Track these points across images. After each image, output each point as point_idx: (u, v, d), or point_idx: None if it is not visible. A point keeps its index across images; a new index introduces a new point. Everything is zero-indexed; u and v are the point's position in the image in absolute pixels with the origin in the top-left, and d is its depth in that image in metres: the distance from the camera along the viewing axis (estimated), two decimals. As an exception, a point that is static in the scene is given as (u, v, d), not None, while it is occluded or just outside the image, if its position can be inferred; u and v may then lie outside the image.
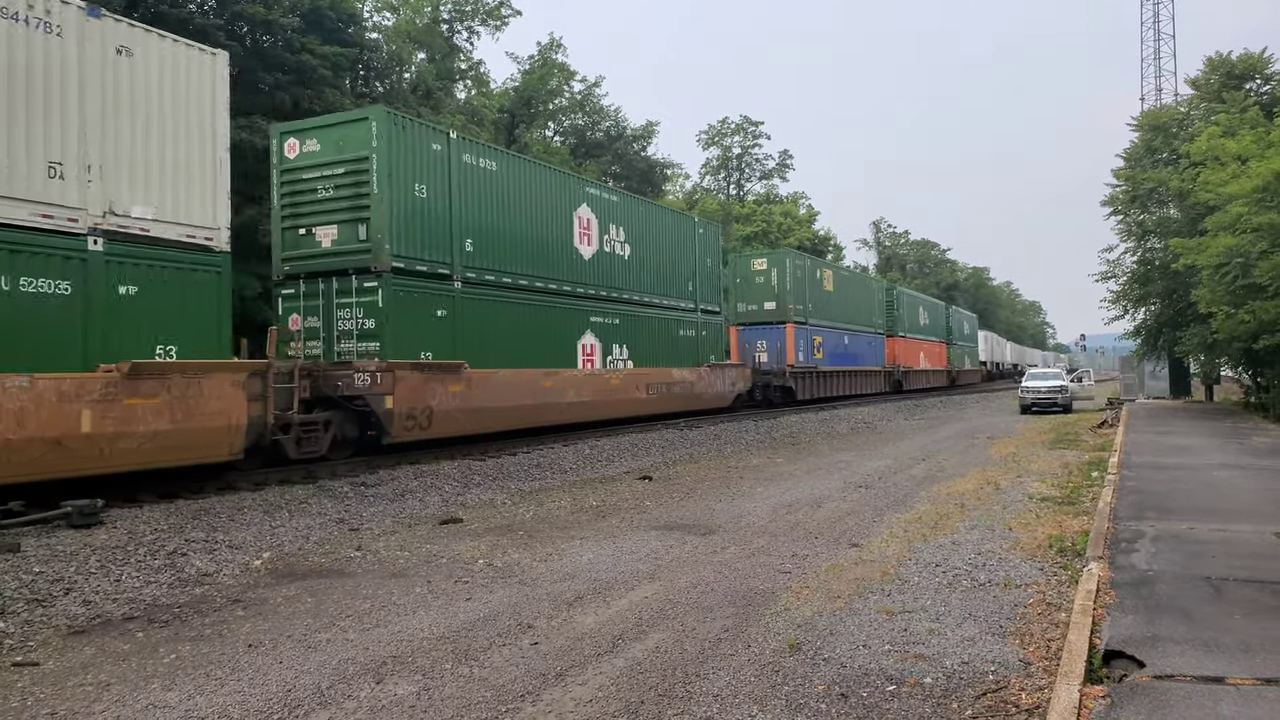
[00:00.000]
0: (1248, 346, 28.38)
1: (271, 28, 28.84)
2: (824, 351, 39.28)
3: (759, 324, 36.93)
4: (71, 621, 7.56)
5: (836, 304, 41.65)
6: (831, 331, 40.52)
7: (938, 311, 62.41)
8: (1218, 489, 13.35)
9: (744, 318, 37.26)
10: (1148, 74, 62.34)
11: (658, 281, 26.30)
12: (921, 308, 57.10)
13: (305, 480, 14.76)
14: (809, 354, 38.00)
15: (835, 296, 41.72)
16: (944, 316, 63.50)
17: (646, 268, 25.76)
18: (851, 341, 43.00)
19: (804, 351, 37.43)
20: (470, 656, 6.49)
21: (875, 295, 48.25)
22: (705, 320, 29.04)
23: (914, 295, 58.06)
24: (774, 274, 37.14)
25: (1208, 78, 37.15)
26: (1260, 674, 5.61)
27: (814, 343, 38.30)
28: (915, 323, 54.52)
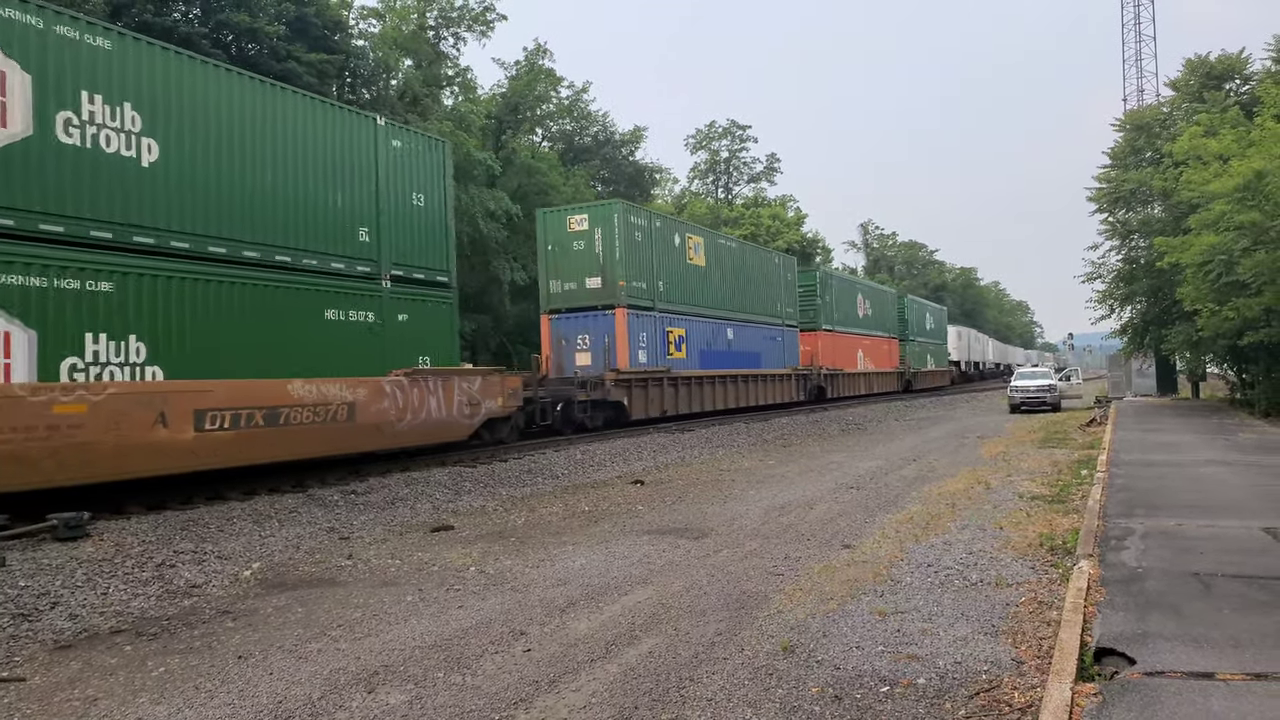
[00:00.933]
0: (1232, 343, 28.59)
1: (257, 36, 28.77)
2: (690, 349, 29.22)
3: (580, 311, 26.24)
4: (58, 636, 7.50)
5: (713, 285, 31.36)
6: (703, 322, 30.29)
7: (884, 301, 52.96)
8: (1205, 485, 13.42)
9: (559, 301, 26.54)
10: (1129, 75, 62.74)
11: (257, 212, 14.48)
12: (861, 296, 48.15)
13: (295, 489, 14.69)
14: (658, 352, 27.24)
15: (710, 274, 31.19)
16: (895, 307, 54.56)
17: (217, 186, 13.85)
18: (740, 336, 33.01)
19: (649, 349, 26.70)
20: (463, 664, 6.46)
21: (781, 277, 37.72)
22: (403, 296, 17.31)
23: (849, 281, 50.13)
24: (598, 236, 26.03)
25: (1187, 79, 37.45)
26: (1250, 669, 5.63)
27: (669, 336, 27.92)
28: (851, 314, 45.71)
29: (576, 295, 26.24)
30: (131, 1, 26.54)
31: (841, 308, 44.45)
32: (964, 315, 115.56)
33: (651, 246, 27.39)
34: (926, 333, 61.69)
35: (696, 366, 29.34)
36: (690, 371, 28.89)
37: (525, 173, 45.23)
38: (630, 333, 25.66)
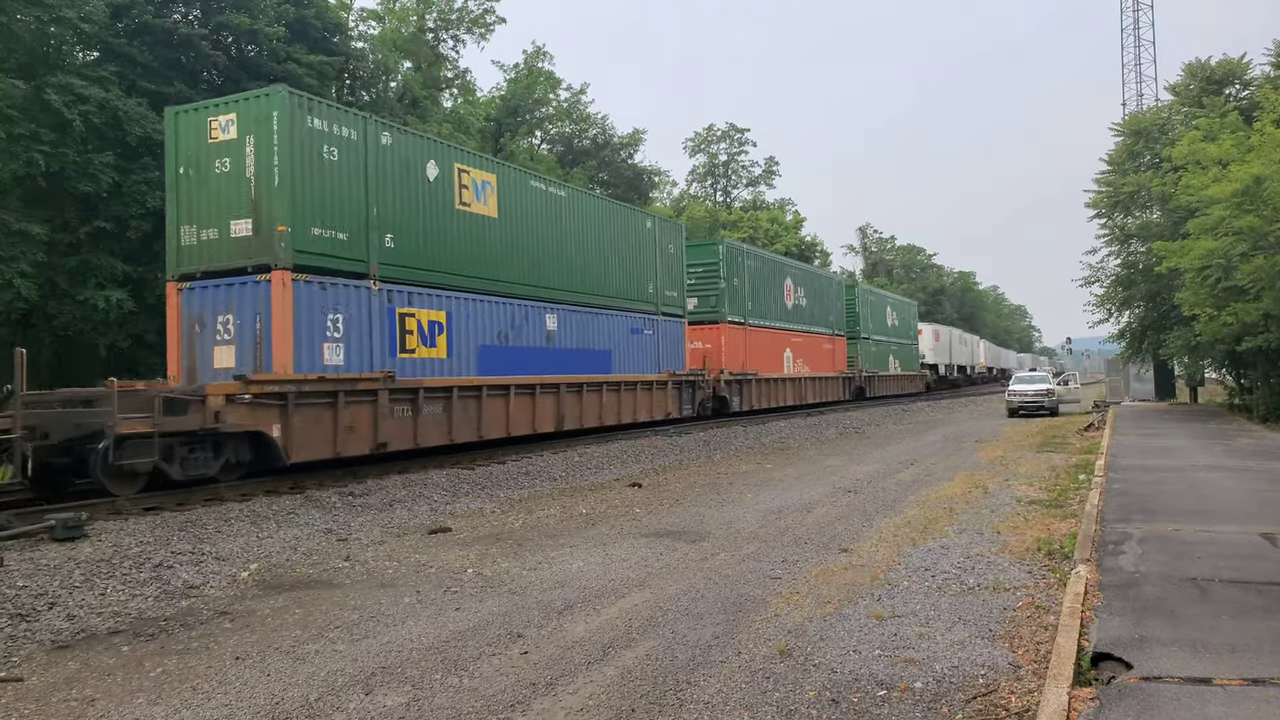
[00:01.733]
0: (1231, 348, 28.64)
1: (256, 37, 28.78)
2: (459, 344, 18.73)
3: (224, 276, 15.50)
4: (56, 636, 7.49)
5: (515, 247, 20.66)
6: (489, 304, 19.67)
7: (824, 289, 42.89)
8: (1203, 490, 13.44)
9: (194, 260, 15.78)
10: (1129, 80, 62.83)
11: None
12: (790, 282, 38.04)
13: (292, 490, 14.68)
14: (383, 347, 16.73)
15: (507, 231, 20.38)
16: (840, 298, 44.87)
17: None
18: (573, 327, 22.75)
19: (357, 342, 16.22)
20: (460, 666, 6.46)
21: (654, 247, 27.04)
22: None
23: (771, 261, 37.89)
24: (250, 148, 15.24)
25: (1187, 84, 37.57)
26: (1246, 674, 5.64)
27: (404, 323, 17.30)
28: (774, 303, 36.09)
29: (219, 250, 15.59)
30: (132, 3, 26.54)
31: (761, 295, 34.76)
32: (962, 319, 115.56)
33: (364, 173, 16.58)
34: (889, 330, 52.47)
35: (472, 371, 18.99)
36: (450, 380, 18.22)
37: (524, 175, 45.16)
38: (302, 313, 15.21)
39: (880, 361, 50.29)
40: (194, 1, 28.63)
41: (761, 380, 33.94)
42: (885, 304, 53.59)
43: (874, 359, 48.96)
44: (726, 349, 31.38)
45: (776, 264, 38.26)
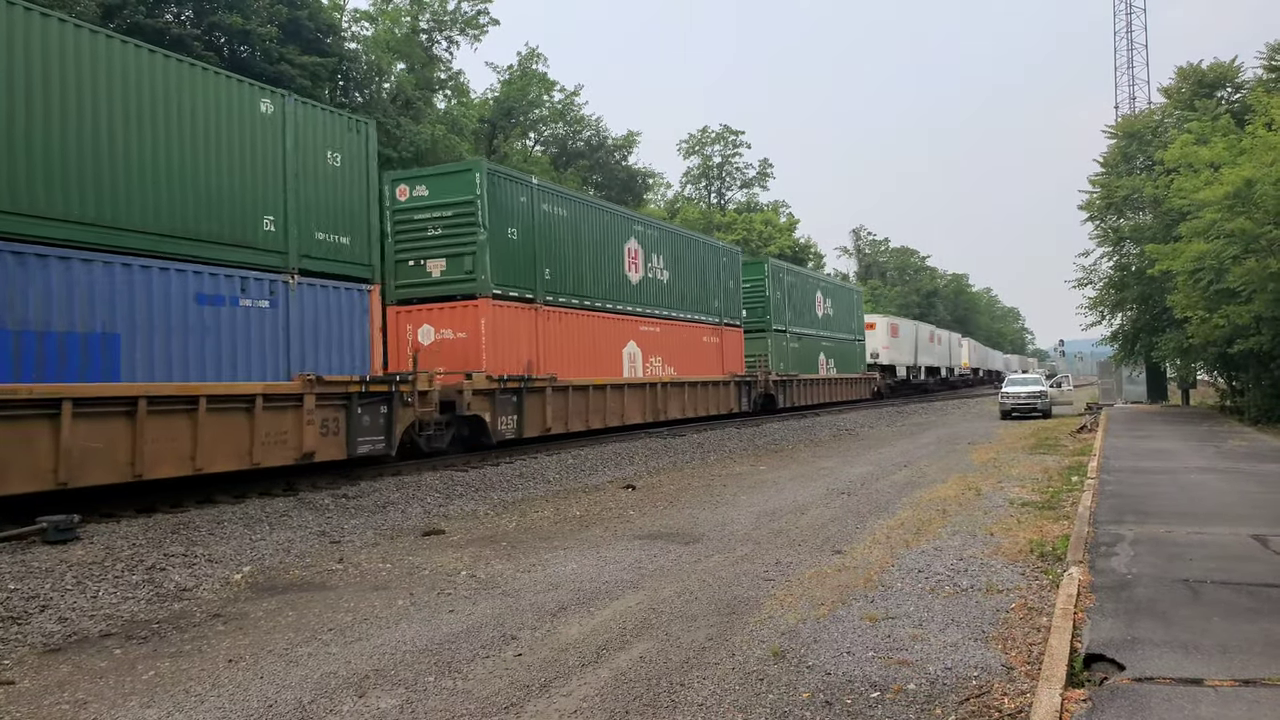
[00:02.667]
0: (1223, 351, 28.78)
1: (249, 38, 28.72)
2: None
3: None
4: (47, 639, 7.46)
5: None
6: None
7: (707, 262, 31.47)
8: (1195, 492, 13.49)
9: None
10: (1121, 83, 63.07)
11: None
12: (637, 244, 26.89)
13: (285, 492, 14.65)
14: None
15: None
16: (731, 275, 33.28)
17: None
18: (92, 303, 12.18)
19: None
20: (453, 669, 6.45)
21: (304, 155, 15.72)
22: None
23: (597, 209, 25.89)
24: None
25: (1179, 86, 37.75)
26: (1238, 675, 5.66)
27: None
28: (609, 276, 25.38)
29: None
30: (123, 3, 26.48)
31: (575, 260, 23.52)
32: (955, 321, 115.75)
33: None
34: (819, 322, 42.21)
35: None
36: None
37: (518, 177, 45.19)
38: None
39: (804, 361, 39.81)
40: (186, 2, 28.56)
41: (573, 388, 22.75)
42: (814, 289, 42.60)
43: (795, 358, 38.55)
44: (499, 340, 20.34)
45: (610, 214, 25.63)
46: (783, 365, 37.26)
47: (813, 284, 43.34)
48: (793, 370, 38.14)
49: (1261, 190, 22.51)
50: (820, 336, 42.49)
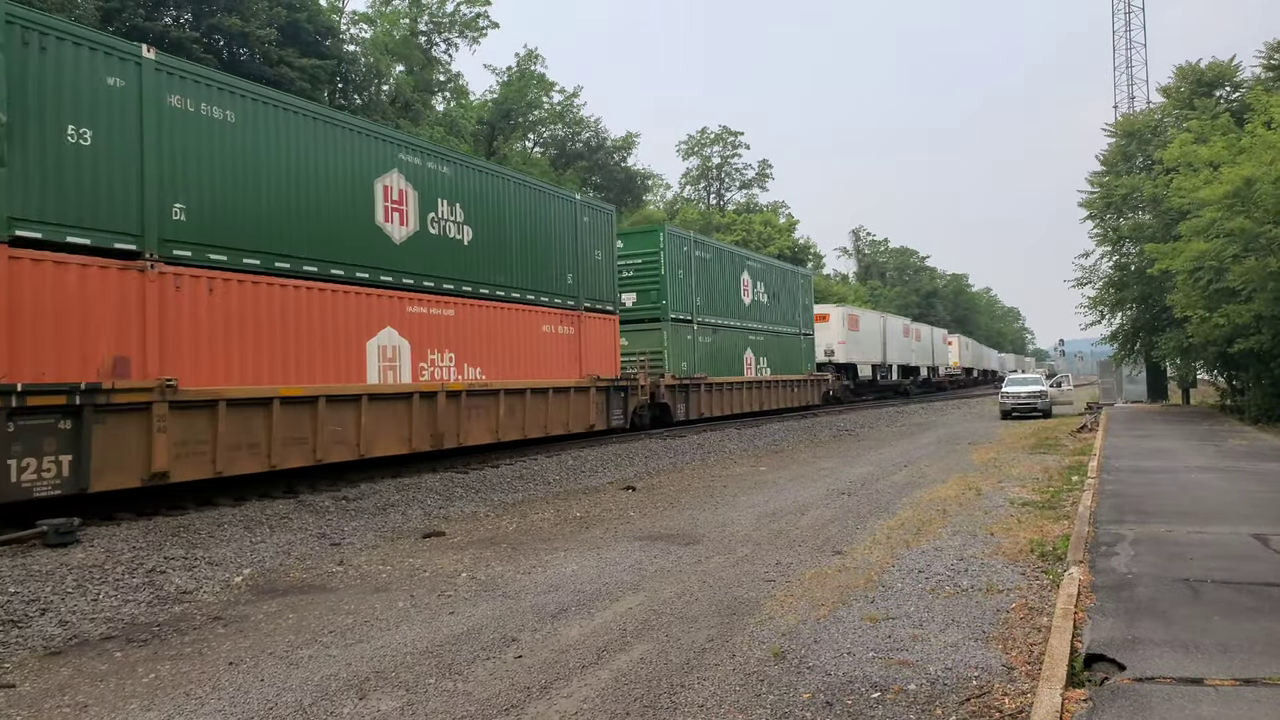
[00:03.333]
0: (1223, 350, 28.77)
1: (248, 40, 28.75)
2: None
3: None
4: (48, 642, 7.46)
5: None
6: None
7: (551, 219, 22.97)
8: (1195, 492, 13.49)
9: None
10: (1120, 82, 63.09)
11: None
12: (406, 183, 18.04)
13: (286, 494, 14.65)
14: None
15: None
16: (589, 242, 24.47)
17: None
18: None
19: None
20: (454, 671, 6.45)
21: None
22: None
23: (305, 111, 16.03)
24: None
25: (1178, 86, 37.76)
26: (1238, 674, 5.66)
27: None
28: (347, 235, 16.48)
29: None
30: (123, 7, 26.51)
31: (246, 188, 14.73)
32: (955, 321, 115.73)
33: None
34: (746, 311, 34.10)
35: None
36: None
37: (517, 178, 45.20)
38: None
39: (721, 360, 31.48)
40: (185, 5, 28.57)
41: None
42: (738, 269, 33.54)
43: (706, 356, 30.33)
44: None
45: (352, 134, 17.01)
46: (685, 365, 28.83)
47: (737, 262, 33.90)
48: (700, 372, 29.64)
49: (1261, 189, 22.52)
50: (747, 329, 33.80)
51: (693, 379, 29.04)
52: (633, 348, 27.50)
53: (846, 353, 46.49)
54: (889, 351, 54.03)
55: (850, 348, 47.10)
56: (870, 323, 52.15)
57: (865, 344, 49.87)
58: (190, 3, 28.49)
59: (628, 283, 27.82)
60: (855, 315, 49.76)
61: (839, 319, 46.53)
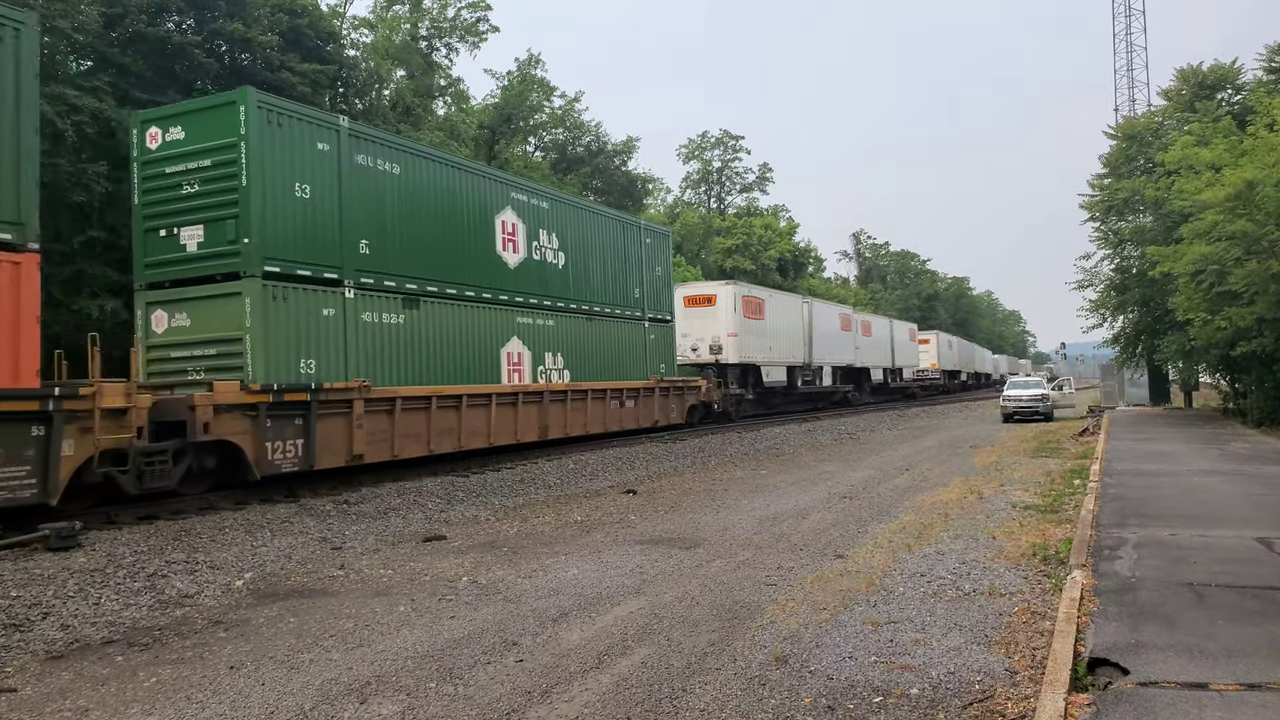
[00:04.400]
0: (1225, 353, 28.69)
1: (250, 46, 28.76)
2: None
3: None
4: (49, 646, 7.45)
5: None
6: None
7: None
8: (1198, 495, 13.45)
9: None
10: (1121, 85, 63.15)
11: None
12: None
13: (287, 499, 14.65)
14: None
15: None
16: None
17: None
18: None
19: None
20: (455, 675, 6.44)
21: None
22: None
23: None
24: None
25: (1179, 88, 37.74)
26: (1243, 679, 5.64)
27: None
28: None
29: None
30: (125, 12, 26.53)
31: None
32: (956, 325, 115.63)
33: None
34: (505, 274, 21.51)
35: None
36: None
37: (518, 182, 45.21)
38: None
39: (447, 358, 19.21)
40: (188, 10, 28.58)
41: None
42: (487, 201, 21.17)
43: (396, 348, 17.79)
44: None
45: None
46: (315, 366, 15.87)
47: (485, 191, 21.11)
48: (363, 376, 16.64)
49: (1263, 192, 22.48)
50: (509, 305, 21.48)
51: (328, 392, 15.69)
52: (193, 332, 15.45)
53: (742, 349, 34.04)
54: (816, 348, 41.79)
55: (748, 342, 34.76)
56: (782, 309, 38.99)
57: (775, 338, 37.72)
58: (193, 9, 28.50)
59: (188, 208, 15.58)
60: (757, 298, 36.64)
61: (730, 302, 33.91)
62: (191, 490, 14.10)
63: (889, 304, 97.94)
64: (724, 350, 33.98)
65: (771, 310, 37.92)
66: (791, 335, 39.78)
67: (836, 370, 45.01)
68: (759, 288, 40.58)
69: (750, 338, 35.24)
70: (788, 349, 39.34)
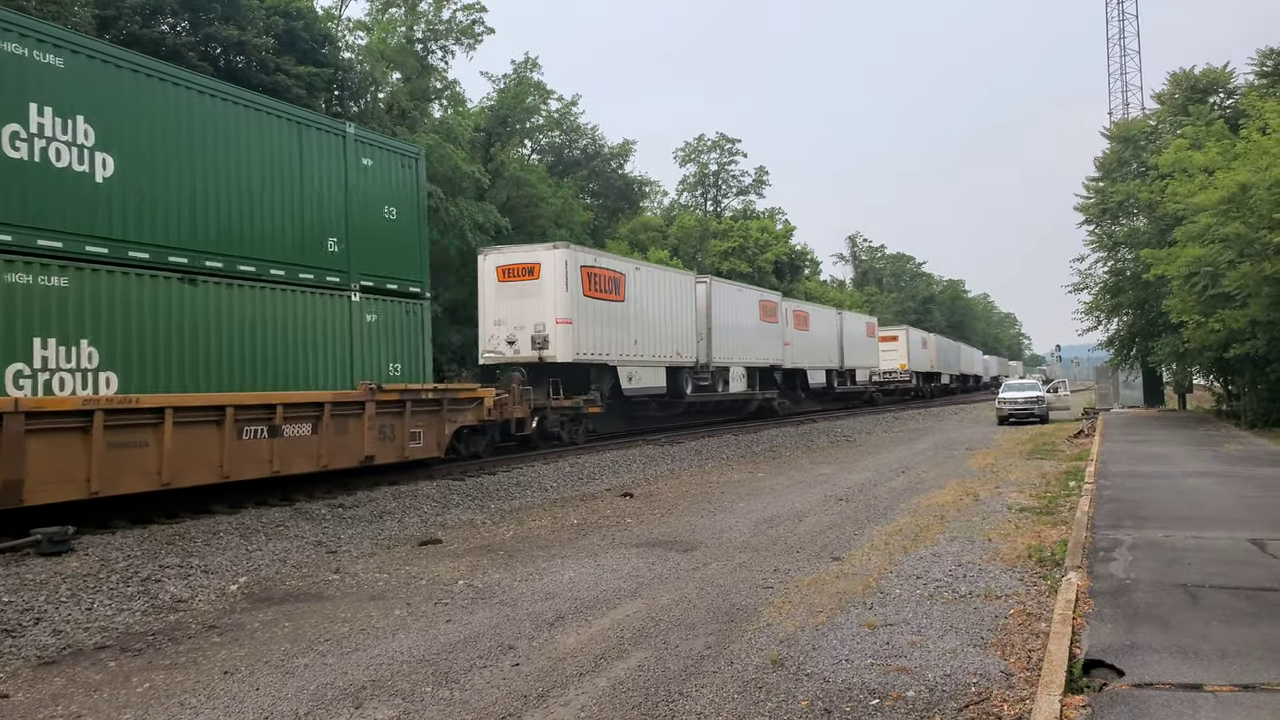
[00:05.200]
0: (1218, 355, 28.78)
1: (245, 48, 28.74)
2: None
3: None
4: (41, 652, 7.42)
5: None
6: None
7: None
8: (1192, 496, 13.48)
9: None
10: (1115, 88, 63.33)
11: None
12: None
13: (282, 503, 14.60)
14: None
15: None
16: None
17: None
18: None
19: None
20: (451, 679, 6.42)
21: None
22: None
23: None
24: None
25: (1172, 92, 37.87)
26: (1237, 680, 5.65)
27: None
28: None
29: None
30: (119, 14, 26.51)
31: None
32: (951, 327, 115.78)
33: None
34: None
35: None
36: None
37: (514, 185, 45.27)
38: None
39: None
40: (182, 12, 28.56)
41: None
42: None
43: None
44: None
45: None
46: None
47: None
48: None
49: (1256, 195, 22.55)
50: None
51: None
52: None
53: (580, 342, 23.69)
54: (718, 343, 31.21)
55: (594, 334, 24.35)
56: (656, 288, 27.76)
57: (646, 328, 26.90)
58: (187, 11, 28.48)
59: None
60: (610, 272, 25.44)
61: (559, 274, 23.35)
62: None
63: (885, 306, 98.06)
64: (551, 343, 23.18)
65: (637, 289, 26.54)
66: (675, 325, 28.75)
67: (753, 371, 34.96)
68: (618, 258, 28.19)
69: (597, 327, 24.44)
70: (668, 342, 28.19)
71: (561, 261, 23.57)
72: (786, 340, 38.21)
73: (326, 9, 38.93)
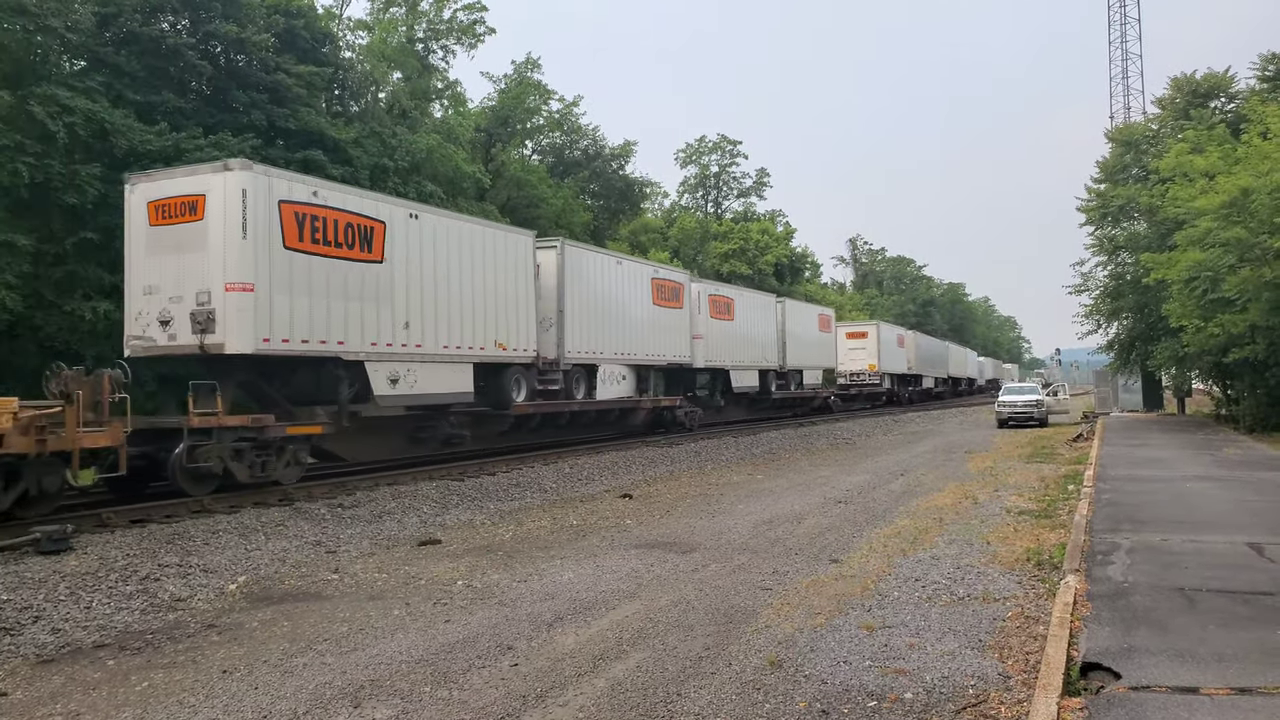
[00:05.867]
0: (1218, 359, 28.79)
1: (245, 47, 28.71)
2: None
3: None
4: (40, 650, 7.42)
5: None
6: None
7: None
8: (1190, 501, 13.49)
9: None
10: (1117, 92, 63.40)
11: None
12: None
13: (281, 502, 14.61)
14: None
15: None
16: None
17: None
18: None
19: None
20: (449, 679, 6.43)
21: None
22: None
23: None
24: None
25: (1173, 96, 37.88)
26: (1233, 683, 5.66)
27: None
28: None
29: None
30: (119, 12, 26.49)
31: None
32: (952, 330, 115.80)
33: None
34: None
35: None
36: None
37: (515, 185, 45.29)
38: None
39: None
40: (182, 10, 28.53)
41: None
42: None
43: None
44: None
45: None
46: None
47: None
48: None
49: (1257, 200, 22.56)
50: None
51: None
52: None
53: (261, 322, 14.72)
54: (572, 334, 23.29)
55: (296, 308, 15.32)
56: (462, 247, 19.27)
57: (436, 305, 18.44)
58: (187, 9, 28.45)
59: None
60: (356, 219, 16.52)
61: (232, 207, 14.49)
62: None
63: (885, 309, 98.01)
64: (219, 323, 14.67)
65: (413, 244, 17.95)
66: (493, 302, 20.13)
67: (643, 371, 27.77)
68: (370, 195, 18.03)
69: (321, 300, 15.82)
70: (479, 328, 19.69)
71: (238, 190, 14.56)
72: (698, 333, 30.35)
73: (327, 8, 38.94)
